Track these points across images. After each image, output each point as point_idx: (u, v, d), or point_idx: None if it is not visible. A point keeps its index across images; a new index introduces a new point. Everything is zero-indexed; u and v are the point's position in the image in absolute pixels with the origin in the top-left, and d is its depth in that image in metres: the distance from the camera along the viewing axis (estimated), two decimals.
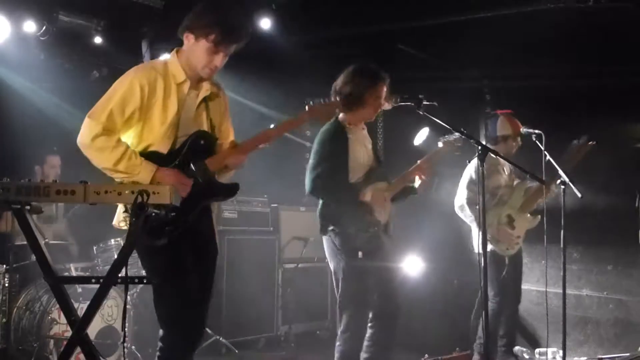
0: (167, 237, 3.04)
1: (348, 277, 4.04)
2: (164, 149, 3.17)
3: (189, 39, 3.21)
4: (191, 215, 3.13)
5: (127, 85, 3.10)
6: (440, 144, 4.37)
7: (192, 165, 3.18)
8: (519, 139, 5.23)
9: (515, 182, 5.32)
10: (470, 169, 5.20)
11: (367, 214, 4.05)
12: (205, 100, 3.34)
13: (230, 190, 3.35)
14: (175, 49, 3.31)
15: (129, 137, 3.18)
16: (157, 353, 3.25)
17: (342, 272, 4.06)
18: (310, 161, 4.17)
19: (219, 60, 3.22)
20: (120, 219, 3.22)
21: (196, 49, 3.19)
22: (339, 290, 4.09)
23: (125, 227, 3.15)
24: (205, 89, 3.33)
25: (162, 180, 3.05)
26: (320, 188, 4.09)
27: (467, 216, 5.16)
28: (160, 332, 3.24)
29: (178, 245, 3.09)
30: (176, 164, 3.16)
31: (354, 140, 4.21)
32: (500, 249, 5.03)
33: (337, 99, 4.11)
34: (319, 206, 4.17)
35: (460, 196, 5.21)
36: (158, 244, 3.03)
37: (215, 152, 3.31)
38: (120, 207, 3.20)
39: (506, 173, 5.32)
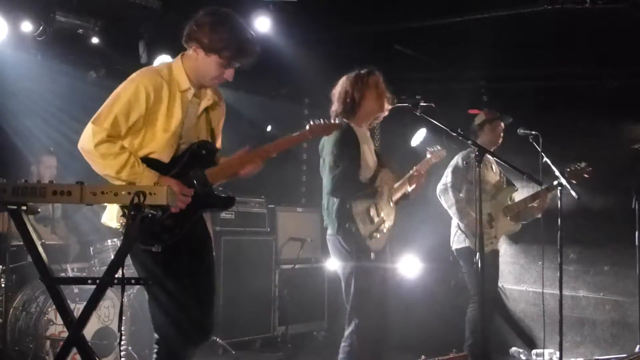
0: (162, 244, 3.04)
1: (360, 278, 4.03)
2: (165, 157, 3.13)
3: (197, 52, 3.16)
4: (187, 224, 3.12)
5: (133, 91, 3.05)
6: (428, 155, 4.45)
7: (191, 175, 3.16)
8: (498, 125, 5.23)
9: (504, 185, 5.33)
10: (458, 157, 5.21)
11: (378, 216, 4.08)
12: (207, 108, 3.33)
13: (227, 202, 3.36)
14: (180, 54, 3.27)
15: (130, 142, 3.12)
16: (154, 356, 3.23)
17: (355, 273, 4.04)
18: (327, 161, 4.14)
19: (230, 73, 3.23)
20: (112, 218, 3.15)
21: (207, 62, 3.16)
22: (351, 291, 4.06)
23: (113, 226, 3.14)
24: (208, 98, 3.31)
25: None
26: (341, 188, 4.07)
27: (447, 200, 5.12)
28: (155, 335, 3.23)
29: (173, 249, 3.08)
30: (177, 171, 3.13)
31: (362, 140, 4.23)
32: (473, 243, 5.00)
33: (340, 107, 4.22)
34: (335, 205, 4.11)
35: (444, 179, 5.19)
36: (152, 250, 3.03)
37: (214, 162, 3.29)
38: (114, 207, 3.13)
39: (494, 171, 5.32)
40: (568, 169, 4.96)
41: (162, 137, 3.11)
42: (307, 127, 3.55)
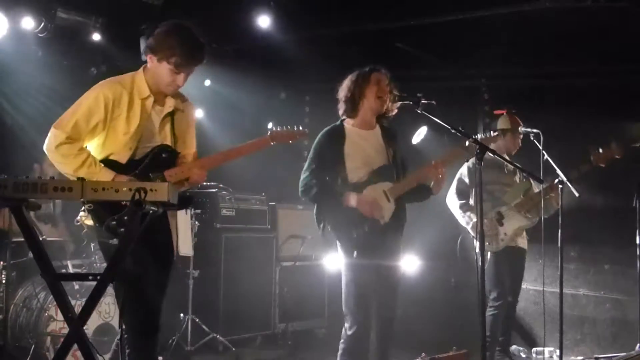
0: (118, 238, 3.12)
1: (348, 275, 4.06)
2: (123, 158, 3.38)
3: (152, 60, 3.44)
4: (144, 221, 3.18)
5: (93, 99, 3.34)
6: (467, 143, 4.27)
7: (150, 175, 3.38)
8: (519, 135, 5.22)
9: (517, 181, 5.32)
10: (465, 165, 5.24)
11: (360, 214, 4.05)
12: (172, 114, 3.55)
13: (185, 201, 3.48)
14: (142, 66, 3.52)
15: (92, 145, 3.40)
16: (127, 347, 3.36)
17: (344, 270, 4.09)
18: (305, 163, 4.19)
19: (181, 79, 3.45)
20: (83, 215, 3.43)
21: (159, 70, 3.42)
22: (342, 288, 4.10)
23: (87, 223, 3.40)
24: (169, 105, 3.53)
25: None
26: (308, 191, 4.12)
27: (452, 206, 5.26)
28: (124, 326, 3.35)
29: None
30: (136, 173, 3.36)
31: (358, 140, 4.20)
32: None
33: (342, 107, 4.24)
34: (315, 206, 4.20)
35: (451, 188, 5.29)
36: (111, 242, 3.15)
37: (175, 165, 3.51)
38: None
39: (506, 172, 5.31)
40: (593, 154, 4.88)
41: (121, 140, 3.38)
42: (268, 133, 3.72)
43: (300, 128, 3.86)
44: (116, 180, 3.25)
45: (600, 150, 4.89)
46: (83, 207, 3.26)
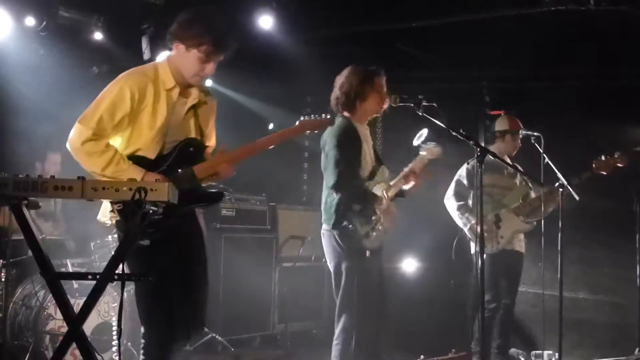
0: (149, 238, 3.06)
1: (352, 276, 4.03)
2: (151, 154, 3.23)
3: (179, 49, 3.28)
4: (172, 219, 3.12)
5: (118, 92, 3.17)
6: (422, 152, 4.26)
7: (180, 171, 3.23)
8: (518, 137, 5.21)
9: (517, 184, 5.31)
10: (464, 167, 5.24)
11: (375, 214, 4.07)
12: (194, 107, 3.40)
13: (215, 198, 3.42)
14: (167, 56, 3.38)
15: (117, 141, 3.24)
16: (141, 350, 3.33)
17: (346, 271, 4.04)
18: (332, 156, 4.10)
19: (210, 69, 3.30)
20: (105, 214, 3.24)
21: (187, 58, 3.26)
22: (340, 289, 4.07)
23: (108, 223, 3.24)
24: (194, 96, 3.38)
25: None
26: (345, 185, 4.06)
27: (450, 208, 5.26)
28: (142, 329, 3.34)
29: (158, 246, 3.12)
30: (164, 168, 3.21)
31: (364, 138, 4.24)
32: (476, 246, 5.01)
33: (338, 101, 4.22)
34: (335, 200, 4.09)
35: (449, 189, 5.31)
36: (141, 244, 3.06)
37: (203, 159, 3.36)
38: (106, 203, 3.22)
39: (506, 174, 5.31)
40: (595, 161, 4.88)
41: (147, 135, 3.21)
42: (297, 122, 3.57)
43: (328, 116, 3.70)
44: (146, 178, 3.10)
45: (603, 158, 4.89)
46: (111, 208, 3.09)
